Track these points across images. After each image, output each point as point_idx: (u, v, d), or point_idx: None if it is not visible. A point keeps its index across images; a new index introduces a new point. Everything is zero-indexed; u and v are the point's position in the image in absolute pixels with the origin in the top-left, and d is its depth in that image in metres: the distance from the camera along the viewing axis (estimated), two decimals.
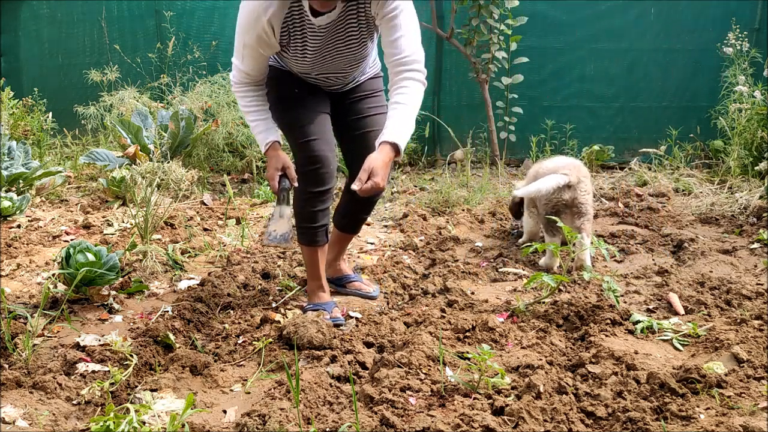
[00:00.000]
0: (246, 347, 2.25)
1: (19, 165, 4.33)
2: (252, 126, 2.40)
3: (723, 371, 1.91)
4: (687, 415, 1.68)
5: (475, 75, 5.54)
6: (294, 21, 2.19)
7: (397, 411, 1.70)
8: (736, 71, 5.15)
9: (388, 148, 2.11)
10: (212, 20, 6.33)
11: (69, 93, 6.55)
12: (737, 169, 4.75)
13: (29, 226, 3.73)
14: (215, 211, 4.15)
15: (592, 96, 5.97)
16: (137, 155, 4.64)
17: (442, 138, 6.06)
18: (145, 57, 6.17)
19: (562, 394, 1.78)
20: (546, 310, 2.46)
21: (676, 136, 5.40)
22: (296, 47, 2.25)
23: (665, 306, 2.55)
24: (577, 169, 3.11)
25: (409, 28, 2.19)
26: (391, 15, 2.15)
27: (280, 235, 2.20)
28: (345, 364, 2.07)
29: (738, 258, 3.14)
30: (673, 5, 5.75)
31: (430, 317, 2.39)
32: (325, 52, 2.28)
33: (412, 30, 2.20)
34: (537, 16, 5.70)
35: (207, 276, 2.90)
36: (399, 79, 2.20)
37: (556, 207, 3.06)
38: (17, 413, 1.72)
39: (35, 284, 2.86)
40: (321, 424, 1.68)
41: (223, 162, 5.39)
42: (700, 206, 4.19)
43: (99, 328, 2.42)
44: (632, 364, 1.94)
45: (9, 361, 2.06)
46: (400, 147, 2.11)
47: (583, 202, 3.09)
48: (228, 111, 5.36)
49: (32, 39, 6.89)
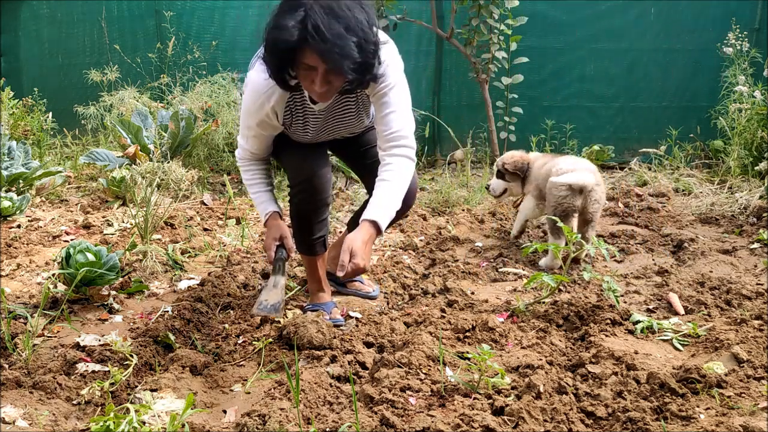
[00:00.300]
0: (246, 347, 2.25)
1: (19, 165, 4.33)
2: (254, 198, 2.44)
3: (723, 371, 1.91)
4: (687, 415, 1.68)
5: (475, 75, 5.54)
6: (296, 106, 2.25)
7: (397, 411, 1.70)
8: (736, 71, 5.15)
9: (367, 226, 2.07)
10: (212, 20, 6.33)
11: (69, 93, 6.55)
12: (737, 169, 4.75)
13: (29, 226, 3.73)
14: (215, 211, 4.15)
15: (592, 96, 5.97)
16: (137, 155, 4.64)
17: (442, 138, 6.06)
18: (145, 57, 6.17)
19: (562, 394, 1.78)
20: (546, 310, 2.46)
21: (676, 136, 5.40)
22: (297, 126, 2.32)
23: (665, 306, 2.56)
24: (594, 175, 3.10)
25: (400, 105, 2.19)
26: (382, 92, 2.16)
27: (271, 305, 2.19)
28: (345, 364, 2.07)
29: (738, 258, 3.14)
30: (673, 5, 5.75)
31: (430, 317, 2.39)
32: (325, 128, 2.36)
33: (402, 106, 2.20)
34: (537, 16, 5.70)
35: (207, 276, 2.90)
36: (386, 155, 2.19)
37: (565, 211, 3.03)
38: (17, 413, 1.72)
39: (35, 284, 2.86)
40: (321, 424, 1.68)
41: (223, 162, 5.39)
42: (700, 206, 4.19)
43: (99, 328, 2.42)
44: (632, 364, 1.94)
45: (9, 361, 2.06)
46: (381, 226, 2.08)
47: (593, 211, 3.08)
48: (228, 111, 5.36)
49: (32, 39, 6.89)
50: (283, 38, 1.85)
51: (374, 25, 1.96)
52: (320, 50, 1.84)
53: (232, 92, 5.53)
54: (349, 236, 2.05)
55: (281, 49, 1.89)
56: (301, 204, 2.38)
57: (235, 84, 5.70)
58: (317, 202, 2.38)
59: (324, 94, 2.02)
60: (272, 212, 2.41)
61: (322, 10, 1.84)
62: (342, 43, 1.84)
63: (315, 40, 1.82)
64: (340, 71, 1.88)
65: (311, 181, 2.32)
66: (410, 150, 2.20)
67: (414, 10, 5.67)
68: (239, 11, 6.33)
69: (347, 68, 1.87)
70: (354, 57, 1.87)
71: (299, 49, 1.87)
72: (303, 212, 2.41)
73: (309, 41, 1.83)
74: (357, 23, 1.88)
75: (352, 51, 1.86)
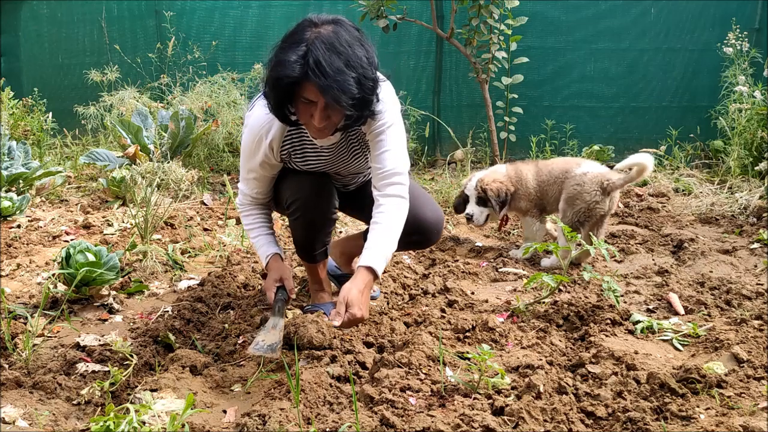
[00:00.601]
0: (246, 347, 2.25)
1: (19, 165, 4.33)
2: (255, 242, 2.41)
3: (723, 371, 1.91)
4: (687, 415, 1.68)
5: (475, 75, 5.54)
6: (293, 142, 2.25)
7: (397, 411, 1.70)
8: (736, 71, 5.15)
9: (363, 272, 2.06)
10: (212, 20, 6.33)
11: (69, 93, 6.55)
12: (737, 169, 4.75)
13: (29, 226, 3.73)
14: (215, 211, 4.15)
15: (592, 96, 5.97)
16: (137, 155, 4.64)
17: (442, 138, 6.06)
18: (145, 57, 6.17)
19: (562, 394, 1.78)
20: (546, 310, 2.46)
21: (676, 136, 5.40)
22: (297, 159, 2.31)
23: (665, 306, 2.55)
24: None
25: (395, 144, 2.21)
26: (379, 131, 2.18)
27: (267, 346, 2.16)
28: (345, 364, 2.06)
29: (738, 258, 3.14)
30: (673, 5, 5.75)
31: (430, 317, 2.39)
32: (330, 164, 2.34)
33: (397, 145, 2.22)
34: (537, 16, 5.70)
35: (207, 276, 2.90)
36: (380, 195, 2.20)
37: (594, 215, 3.00)
38: (17, 413, 1.72)
39: (35, 284, 2.86)
40: (321, 424, 1.68)
41: (223, 162, 5.39)
42: (700, 206, 4.19)
43: (99, 328, 2.42)
44: (632, 364, 1.94)
45: (9, 361, 2.06)
46: (377, 272, 2.08)
47: (610, 212, 3.08)
48: (228, 111, 5.37)
49: (32, 39, 6.89)
50: (285, 73, 1.89)
51: (373, 62, 1.99)
52: (320, 85, 1.87)
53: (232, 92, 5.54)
54: (345, 286, 2.05)
55: (283, 84, 1.92)
56: (302, 218, 2.32)
57: (235, 84, 5.71)
58: (322, 215, 2.32)
59: (322, 129, 2.04)
60: (273, 254, 2.37)
61: (323, 45, 1.88)
62: (341, 78, 1.87)
63: (316, 74, 1.86)
64: (338, 106, 1.91)
65: (312, 196, 2.28)
66: (404, 188, 2.22)
67: (414, 10, 5.67)
68: (239, 11, 6.33)
69: (345, 103, 1.90)
70: (353, 92, 1.90)
71: (300, 83, 1.91)
72: (305, 226, 2.36)
73: (310, 76, 1.87)
74: (357, 59, 1.92)
75: (351, 86, 1.89)
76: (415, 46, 5.98)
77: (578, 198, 3.00)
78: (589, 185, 3.00)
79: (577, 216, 3.00)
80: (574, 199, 3.02)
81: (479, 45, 5.48)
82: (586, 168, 3.07)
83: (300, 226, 2.37)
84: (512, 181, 3.18)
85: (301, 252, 2.47)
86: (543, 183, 3.17)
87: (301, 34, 1.92)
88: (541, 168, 3.20)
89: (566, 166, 3.13)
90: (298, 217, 2.34)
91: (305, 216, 2.33)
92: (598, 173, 3.03)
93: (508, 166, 3.29)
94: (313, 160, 2.32)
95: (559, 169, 3.14)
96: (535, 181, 3.18)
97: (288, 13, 6.15)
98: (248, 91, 5.77)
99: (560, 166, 3.16)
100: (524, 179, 3.19)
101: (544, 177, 3.16)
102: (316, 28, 1.92)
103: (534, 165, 3.26)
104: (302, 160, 2.31)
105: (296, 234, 2.42)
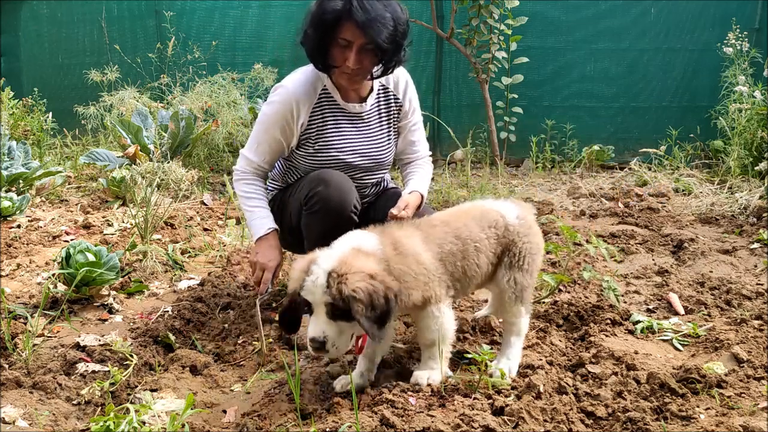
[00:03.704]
0: (246, 347, 2.25)
1: (19, 165, 4.33)
2: (250, 212, 2.39)
3: (723, 371, 1.91)
4: (687, 415, 1.68)
5: (475, 75, 5.54)
6: (325, 107, 2.37)
7: (397, 411, 1.70)
8: (736, 71, 5.15)
9: (417, 195, 2.36)
10: (212, 20, 6.33)
11: (69, 93, 6.55)
12: (737, 169, 4.75)
13: (29, 226, 3.73)
14: (215, 211, 4.15)
15: (592, 96, 5.97)
16: (137, 155, 4.64)
17: (442, 138, 6.06)
18: (145, 57, 6.17)
19: (562, 394, 1.78)
20: (546, 310, 2.46)
21: (676, 136, 5.40)
22: (327, 133, 2.36)
23: (665, 306, 2.55)
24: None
25: (422, 128, 2.60)
26: (414, 120, 2.52)
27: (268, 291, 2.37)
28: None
29: (738, 258, 3.13)
30: (673, 5, 5.76)
31: None
32: (352, 148, 2.40)
33: (422, 128, 2.60)
34: (537, 16, 5.70)
35: (207, 276, 2.90)
36: (421, 161, 2.57)
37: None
38: (17, 413, 1.72)
39: (35, 284, 2.85)
40: (321, 424, 1.68)
41: (223, 162, 5.39)
42: (700, 206, 4.19)
43: (99, 328, 2.42)
44: (632, 364, 1.94)
45: (9, 361, 2.06)
46: (424, 195, 2.40)
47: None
48: (228, 111, 5.37)
49: (32, 39, 6.89)
50: (330, 8, 2.12)
51: (406, 13, 2.24)
52: (361, 21, 2.10)
53: (232, 92, 5.54)
54: (406, 195, 2.33)
55: (327, 19, 2.13)
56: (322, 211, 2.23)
57: (235, 84, 5.70)
58: (340, 210, 2.23)
59: (355, 72, 2.22)
60: (274, 230, 2.35)
61: None
62: (381, 15, 2.12)
63: (358, 12, 2.10)
64: (377, 42, 2.12)
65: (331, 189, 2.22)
66: (431, 163, 2.63)
67: (414, 10, 5.67)
68: (239, 11, 6.33)
69: (383, 40, 2.13)
70: (390, 31, 2.14)
71: (340, 22, 2.12)
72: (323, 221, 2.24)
73: (353, 11, 2.10)
74: (393, 6, 2.18)
75: (389, 26, 2.13)
76: (415, 46, 5.95)
77: (538, 254, 2.03)
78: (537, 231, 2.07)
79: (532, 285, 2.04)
80: (533, 257, 2.00)
81: (479, 45, 5.48)
82: (517, 210, 2.05)
83: (318, 221, 2.24)
84: (392, 268, 1.77)
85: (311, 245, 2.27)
86: (447, 254, 1.89)
87: None
88: (432, 229, 1.93)
89: (482, 214, 2.00)
90: (317, 210, 2.24)
91: (325, 209, 2.22)
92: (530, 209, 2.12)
93: (377, 235, 1.84)
94: (337, 139, 2.36)
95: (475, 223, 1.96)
96: (431, 253, 1.87)
97: (288, 13, 6.15)
98: (248, 91, 5.77)
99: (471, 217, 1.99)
100: (409, 254, 1.83)
101: (449, 244, 1.90)
102: None
103: (415, 228, 1.93)
104: (324, 141, 2.35)
105: (312, 231, 2.28)
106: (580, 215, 4.17)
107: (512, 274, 1.94)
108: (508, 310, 1.96)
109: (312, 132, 2.34)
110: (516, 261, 1.95)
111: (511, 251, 1.95)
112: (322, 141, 2.35)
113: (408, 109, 2.48)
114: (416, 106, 2.52)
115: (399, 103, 2.46)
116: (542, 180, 5.30)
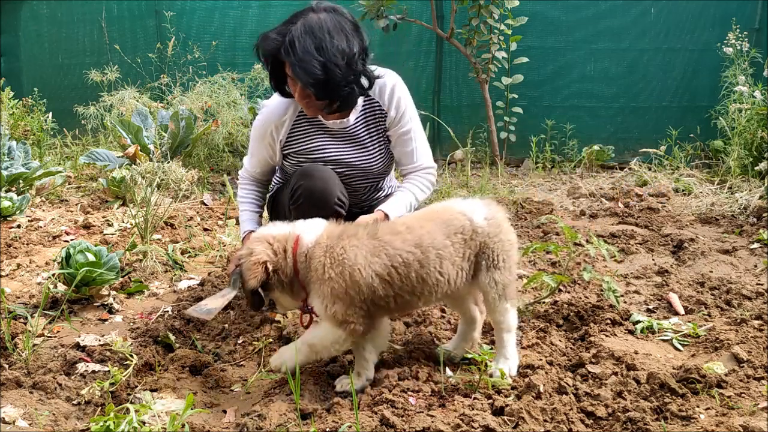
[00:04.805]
0: (246, 347, 2.25)
1: (19, 165, 4.33)
2: (240, 215, 2.55)
3: (723, 371, 1.91)
4: (687, 415, 1.68)
5: (475, 75, 5.54)
6: (304, 126, 2.37)
7: (397, 411, 1.70)
8: (736, 71, 5.15)
9: (381, 216, 2.28)
10: (212, 20, 6.33)
11: (69, 93, 6.55)
12: (737, 169, 4.75)
13: (29, 226, 3.73)
14: (215, 211, 4.15)
15: (592, 96, 5.97)
16: (137, 155, 4.64)
17: (442, 138, 6.06)
18: (145, 57, 6.17)
19: (562, 394, 1.78)
20: (546, 310, 2.46)
21: (676, 136, 5.40)
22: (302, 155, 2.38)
23: (665, 306, 2.55)
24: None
25: (420, 137, 2.43)
26: (405, 128, 2.38)
27: (206, 310, 2.15)
28: (345, 364, 2.07)
29: (738, 258, 3.13)
30: (673, 5, 5.76)
31: (430, 317, 2.39)
32: (339, 156, 2.38)
33: (421, 137, 2.44)
34: (537, 16, 5.70)
35: (207, 276, 2.90)
36: (414, 175, 2.44)
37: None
38: (17, 413, 1.72)
39: (35, 284, 2.85)
40: (321, 424, 1.68)
41: (223, 162, 5.39)
42: (700, 206, 4.19)
43: (99, 328, 2.42)
44: (632, 364, 1.94)
45: (9, 361, 2.06)
46: (389, 215, 2.29)
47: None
48: (228, 111, 5.37)
49: (32, 39, 6.89)
50: (262, 45, 2.16)
51: (353, 54, 2.12)
52: (289, 63, 2.10)
53: (232, 92, 5.54)
54: (361, 216, 2.25)
55: (261, 54, 2.18)
56: (306, 204, 2.29)
57: (235, 84, 5.70)
58: (323, 202, 2.28)
59: (306, 106, 2.24)
60: (249, 231, 2.41)
61: (303, 28, 2.10)
62: (307, 59, 2.07)
63: (286, 52, 2.09)
64: (305, 84, 2.10)
65: (313, 181, 2.27)
66: (433, 178, 2.47)
67: (414, 10, 5.67)
68: (239, 11, 6.33)
69: (306, 83, 2.09)
70: (316, 75, 2.08)
71: (282, 60, 2.13)
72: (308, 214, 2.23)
73: (281, 53, 2.11)
74: (331, 47, 2.09)
75: (315, 69, 2.06)
76: (415, 46, 5.98)
77: (512, 250, 1.98)
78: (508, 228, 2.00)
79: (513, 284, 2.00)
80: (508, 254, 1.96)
81: (479, 45, 5.48)
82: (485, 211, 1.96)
83: (303, 214, 2.22)
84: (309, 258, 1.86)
85: None
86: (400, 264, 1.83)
87: (296, 17, 2.15)
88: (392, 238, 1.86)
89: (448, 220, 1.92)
90: (302, 203, 2.29)
91: (309, 201, 2.27)
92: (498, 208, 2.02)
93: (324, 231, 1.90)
94: (319, 154, 2.35)
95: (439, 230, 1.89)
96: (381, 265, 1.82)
97: (288, 13, 6.00)
98: (248, 91, 5.77)
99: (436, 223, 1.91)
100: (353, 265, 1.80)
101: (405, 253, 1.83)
102: (312, 13, 2.13)
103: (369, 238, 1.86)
104: (305, 156, 2.36)
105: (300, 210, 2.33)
106: (580, 215, 4.17)
107: (491, 275, 1.93)
108: (495, 309, 1.97)
109: (294, 147, 2.38)
110: (491, 261, 1.93)
111: (485, 253, 1.92)
112: (303, 156, 2.39)
113: (395, 116, 2.37)
114: (410, 114, 2.38)
115: (383, 112, 2.38)
116: (542, 180, 5.30)
